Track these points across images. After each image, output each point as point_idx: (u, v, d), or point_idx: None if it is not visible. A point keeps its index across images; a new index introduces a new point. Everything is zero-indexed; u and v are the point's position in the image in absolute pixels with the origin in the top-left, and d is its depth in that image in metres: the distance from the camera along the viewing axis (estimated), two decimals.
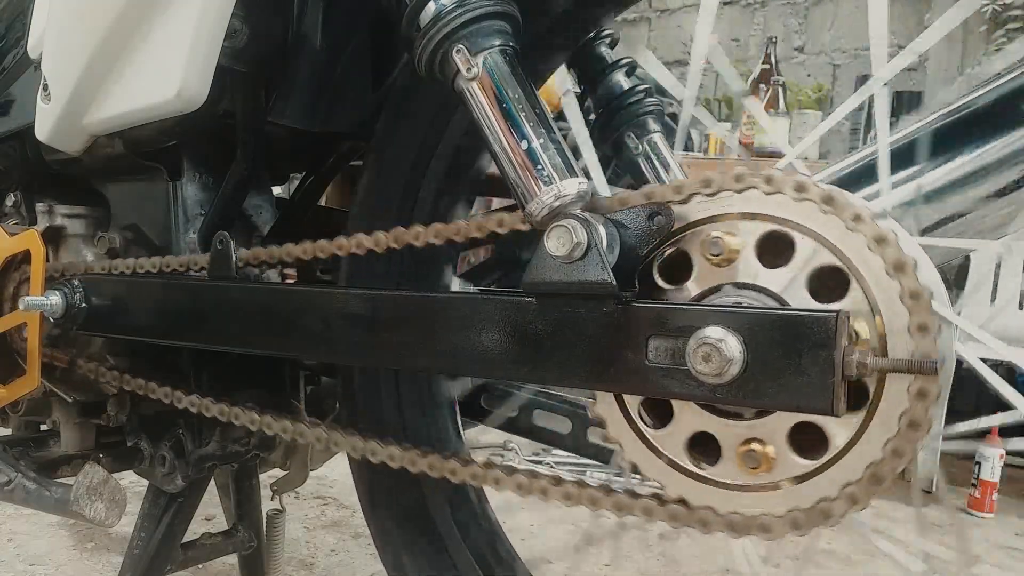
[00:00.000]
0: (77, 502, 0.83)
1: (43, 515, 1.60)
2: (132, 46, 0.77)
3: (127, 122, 0.82)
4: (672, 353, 0.53)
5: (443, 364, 0.68)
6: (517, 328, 0.59)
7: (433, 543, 0.84)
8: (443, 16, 0.61)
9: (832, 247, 0.52)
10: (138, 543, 1.03)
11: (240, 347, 0.80)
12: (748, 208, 0.55)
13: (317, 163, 1.04)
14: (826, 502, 0.52)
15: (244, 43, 0.80)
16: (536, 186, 0.58)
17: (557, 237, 0.56)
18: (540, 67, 0.76)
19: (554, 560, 1.67)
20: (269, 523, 1.22)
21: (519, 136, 0.59)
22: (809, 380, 0.49)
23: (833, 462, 0.52)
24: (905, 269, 0.49)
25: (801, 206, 0.53)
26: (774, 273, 0.54)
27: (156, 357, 0.95)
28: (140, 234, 0.98)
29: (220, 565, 1.46)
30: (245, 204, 0.96)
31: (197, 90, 0.75)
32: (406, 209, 0.80)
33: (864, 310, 0.51)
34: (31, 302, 0.86)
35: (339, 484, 2.00)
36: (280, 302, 0.75)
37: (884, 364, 0.49)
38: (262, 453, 1.05)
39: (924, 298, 0.48)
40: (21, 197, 1.07)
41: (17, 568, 1.50)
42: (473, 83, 0.61)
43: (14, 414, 1.10)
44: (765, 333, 0.50)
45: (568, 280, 0.56)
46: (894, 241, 0.50)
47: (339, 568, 1.59)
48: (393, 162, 0.81)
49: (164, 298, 0.85)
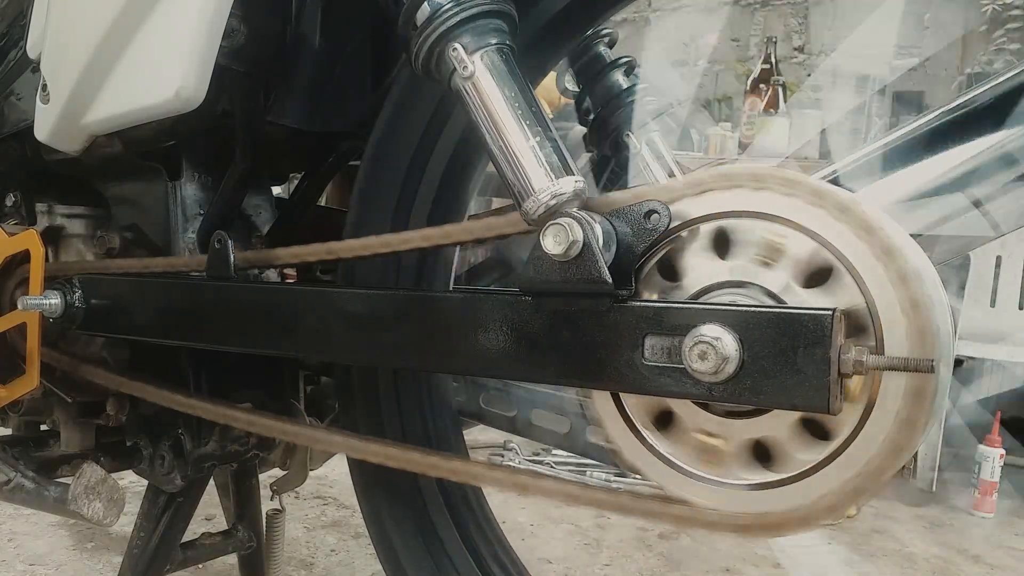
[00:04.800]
0: (75, 501, 0.83)
1: (43, 515, 1.61)
2: (131, 46, 0.77)
3: (126, 122, 0.82)
4: (668, 351, 0.53)
5: (441, 363, 0.68)
6: (514, 327, 0.59)
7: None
8: (439, 15, 0.61)
9: (825, 241, 0.52)
10: (137, 543, 1.03)
11: (238, 347, 0.81)
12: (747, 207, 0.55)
13: (316, 163, 1.04)
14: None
15: (242, 42, 0.80)
16: (533, 185, 0.58)
17: (553, 235, 0.56)
18: (537, 66, 0.76)
19: (554, 560, 1.67)
20: (269, 523, 1.22)
21: (515, 135, 0.59)
22: (805, 378, 0.49)
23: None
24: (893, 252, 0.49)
25: (792, 201, 0.53)
26: (771, 271, 0.54)
27: (156, 357, 0.95)
28: (139, 234, 0.98)
29: (220, 565, 1.46)
30: (244, 204, 0.96)
31: (195, 90, 0.75)
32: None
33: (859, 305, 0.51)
34: (30, 302, 0.86)
35: (339, 484, 2.00)
36: (278, 302, 0.75)
37: (881, 362, 0.49)
38: (261, 453, 1.05)
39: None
40: (21, 197, 1.07)
41: (17, 568, 1.50)
42: (469, 82, 0.61)
43: (14, 414, 1.10)
44: (761, 331, 0.50)
45: (565, 279, 0.56)
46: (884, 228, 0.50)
47: (339, 568, 1.59)
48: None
49: (162, 298, 0.85)
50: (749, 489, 0.55)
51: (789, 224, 0.54)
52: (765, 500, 0.55)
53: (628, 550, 1.74)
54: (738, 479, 0.56)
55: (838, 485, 0.52)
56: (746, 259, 0.55)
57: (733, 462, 0.56)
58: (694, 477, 0.57)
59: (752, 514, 0.55)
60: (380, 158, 0.82)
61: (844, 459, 0.52)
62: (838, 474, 0.52)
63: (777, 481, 0.54)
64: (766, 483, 0.55)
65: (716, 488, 0.56)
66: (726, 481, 0.56)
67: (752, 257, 0.55)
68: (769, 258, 0.54)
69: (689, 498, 0.57)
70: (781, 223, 0.54)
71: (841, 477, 0.52)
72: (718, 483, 0.56)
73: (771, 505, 0.54)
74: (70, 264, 1.00)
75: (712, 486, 0.57)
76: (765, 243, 0.55)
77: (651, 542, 1.79)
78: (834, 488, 0.52)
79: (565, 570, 1.64)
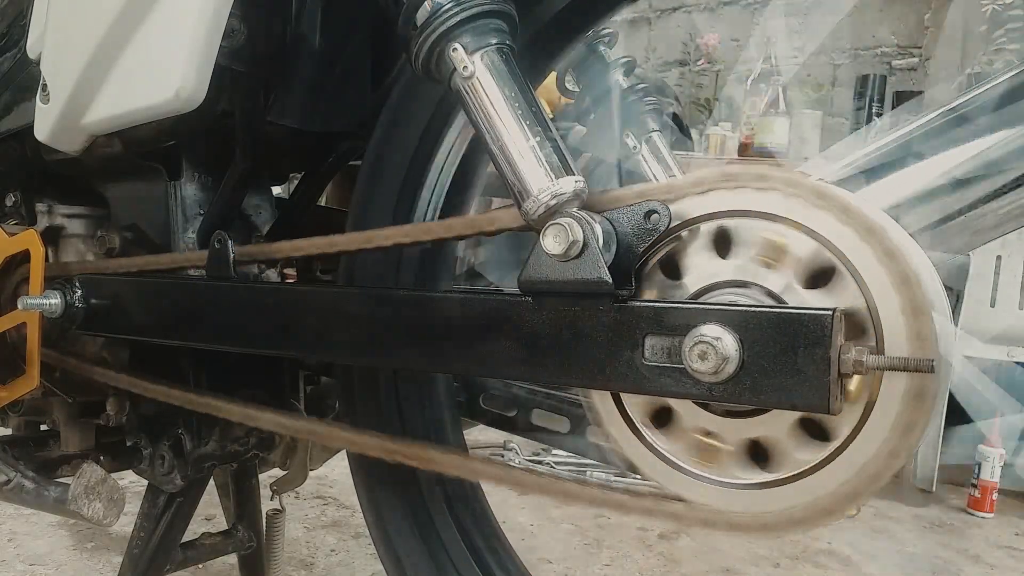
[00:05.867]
0: (75, 501, 0.83)
1: (43, 515, 1.61)
2: (130, 46, 0.77)
3: (126, 122, 0.82)
4: (668, 351, 0.53)
5: (441, 363, 0.68)
6: (514, 327, 0.59)
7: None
8: (439, 15, 0.61)
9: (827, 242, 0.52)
10: (137, 543, 1.03)
11: (238, 347, 0.80)
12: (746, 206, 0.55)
13: (316, 163, 1.04)
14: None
15: (242, 42, 0.80)
16: (533, 185, 0.58)
17: (554, 235, 0.56)
18: (537, 66, 0.76)
19: (554, 560, 1.67)
20: (269, 523, 1.22)
21: (516, 135, 0.59)
22: (805, 378, 0.49)
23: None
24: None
25: (793, 201, 0.53)
26: (773, 271, 0.54)
27: (156, 357, 0.95)
28: (139, 234, 0.98)
29: (220, 565, 1.46)
30: (244, 204, 0.96)
31: (195, 89, 0.75)
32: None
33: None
34: (30, 302, 0.86)
35: (339, 484, 2.00)
36: (278, 302, 0.75)
37: (881, 362, 0.49)
38: (261, 453, 1.05)
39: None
40: (21, 197, 1.07)
41: (17, 568, 1.50)
42: (469, 82, 0.61)
43: (14, 414, 1.10)
44: (761, 331, 0.50)
45: (564, 279, 0.56)
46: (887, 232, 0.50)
47: (339, 568, 1.59)
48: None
49: (162, 298, 0.85)
50: (748, 488, 0.55)
51: (790, 224, 0.54)
52: (764, 499, 0.55)
53: (628, 550, 1.74)
54: (737, 478, 0.56)
55: (837, 485, 0.52)
56: (747, 259, 0.55)
57: (732, 461, 0.56)
58: (693, 476, 0.57)
59: (751, 513, 0.55)
60: (381, 159, 0.82)
61: (843, 459, 0.52)
62: (837, 474, 0.52)
63: (776, 481, 0.54)
64: (765, 483, 0.55)
65: (715, 487, 0.56)
66: (725, 480, 0.56)
67: (753, 257, 0.55)
68: (770, 258, 0.54)
69: (688, 497, 0.57)
70: (782, 223, 0.54)
71: (840, 477, 0.52)
72: (717, 482, 0.56)
73: (770, 505, 0.54)
74: (70, 264, 1.00)
75: (711, 485, 0.57)
76: (766, 243, 0.55)
77: (651, 542, 1.79)
78: (833, 488, 0.52)
79: (565, 570, 1.64)
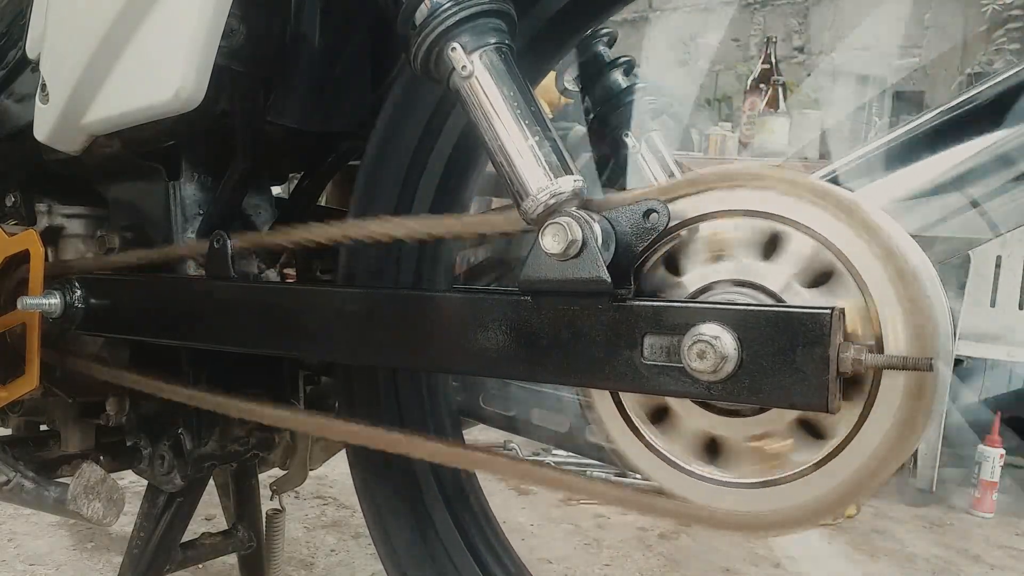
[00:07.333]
0: (75, 501, 0.83)
1: (43, 515, 1.61)
2: (130, 46, 0.77)
3: (125, 122, 0.82)
4: (667, 350, 0.53)
5: (441, 363, 0.68)
6: (513, 326, 0.59)
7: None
8: (438, 14, 0.61)
9: (826, 240, 0.52)
10: (137, 543, 1.03)
11: (238, 347, 0.81)
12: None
13: (316, 163, 1.04)
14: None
15: (242, 42, 0.80)
16: (531, 184, 0.58)
17: (553, 235, 0.56)
18: (537, 65, 0.76)
19: (554, 560, 1.67)
20: (269, 523, 1.22)
21: (514, 134, 0.59)
22: (804, 377, 0.49)
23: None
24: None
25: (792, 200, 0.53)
26: (769, 268, 0.54)
27: (156, 357, 0.95)
28: (139, 234, 0.98)
29: (220, 565, 1.46)
30: (244, 203, 0.96)
31: (195, 89, 0.75)
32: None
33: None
34: (30, 302, 0.86)
35: (339, 484, 2.00)
36: (278, 301, 0.75)
37: (880, 361, 0.49)
38: (261, 453, 1.05)
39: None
40: (21, 197, 1.07)
41: (17, 568, 1.50)
42: (468, 81, 0.61)
43: (14, 414, 1.10)
44: (760, 330, 0.50)
45: (563, 278, 0.56)
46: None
47: (339, 568, 1.59)
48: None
49: (162, 298, 0.85)
50: (747, 487, 0.55)
51: (790, 223, 0.54)
52: (764, 498, 0.55)
53: (628, 550, 1.74)
54: (736, 477, 0.56)
55: (837, 484, 0.52)
56: (746, 258, 0.55)
57: (731, 460, 0.56)
58: (692, 475, 0.57)
59: (750, 512, 0.55)
60: (380, 158, 0.82)
61: (843, 458, 0.52)
62: (837, 473, 0.52)
63: (775, 480, 0.54)
64: (764, 481, 0.55)
65: (714, 486, 0.56)
66: (724, 479, 0.56)
67: (752, 256, 0.55)
68: (769, 257, 0.54)
69: (687, 495, 0.57)
70: (782, 222, 0.54)
71: (840, 476, 0.52)
72: (716, 481, 0.56)
73: (770, 503, 0.54)
74: (70, 264, 1.00)
75: (710, 484, 0.57)
76: (765, 242, 0.55)
77: (651, 542, 1.79)
78: (833, 487, 0.52)
79: (565, 570, 1.64)
